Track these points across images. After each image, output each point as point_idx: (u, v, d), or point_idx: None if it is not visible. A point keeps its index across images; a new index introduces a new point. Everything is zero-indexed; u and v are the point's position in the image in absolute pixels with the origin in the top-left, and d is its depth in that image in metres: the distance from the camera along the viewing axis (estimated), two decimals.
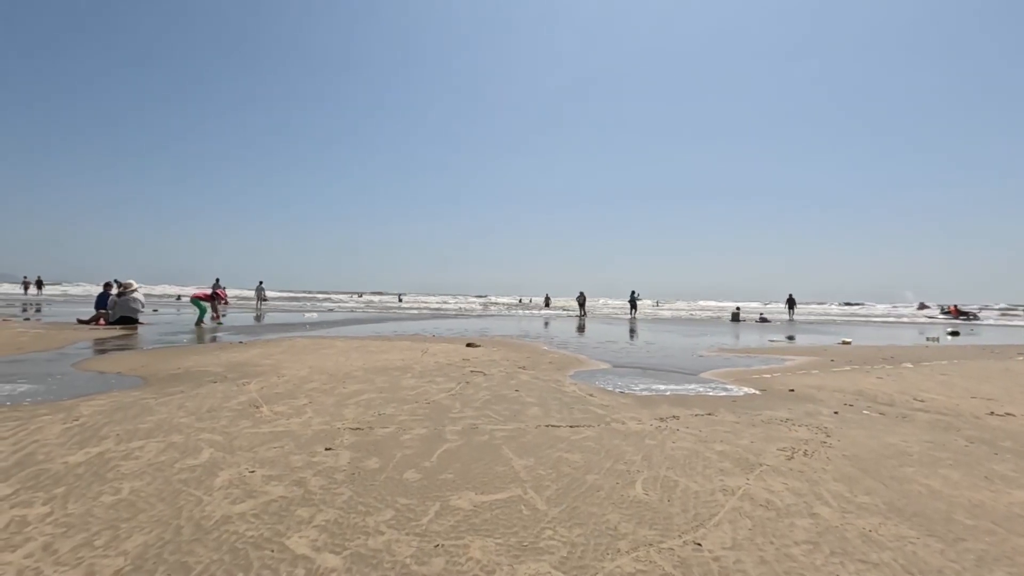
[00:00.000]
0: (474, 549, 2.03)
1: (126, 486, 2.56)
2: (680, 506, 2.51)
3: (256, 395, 4.84)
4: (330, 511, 2.35)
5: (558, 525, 2.27)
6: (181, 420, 3.85)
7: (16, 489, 2.49)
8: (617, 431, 3.89)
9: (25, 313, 17.73)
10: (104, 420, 3.79)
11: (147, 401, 4.47)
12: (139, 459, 2.97)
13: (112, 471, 2.77)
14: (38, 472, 2.73)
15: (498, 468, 3.00)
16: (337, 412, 4.25)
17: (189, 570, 1.83)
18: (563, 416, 4.33)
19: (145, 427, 3.63)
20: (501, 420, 4.13)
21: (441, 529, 2.20)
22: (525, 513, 2.38)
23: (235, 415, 4.06)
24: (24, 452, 3.03)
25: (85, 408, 4.15)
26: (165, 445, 3.24)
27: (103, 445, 3.21)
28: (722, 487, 2.77)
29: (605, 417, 4.33)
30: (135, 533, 2.08)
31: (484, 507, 2.44)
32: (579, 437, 3.70)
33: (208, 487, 2.58)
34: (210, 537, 2.07)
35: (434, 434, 3.68)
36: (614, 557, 1.99)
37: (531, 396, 5.14)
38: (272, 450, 3.21)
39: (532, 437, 3.67)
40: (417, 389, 5.35)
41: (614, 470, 3.02)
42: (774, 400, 5.32)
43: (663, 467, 3.09)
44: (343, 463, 3.01)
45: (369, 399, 4.80)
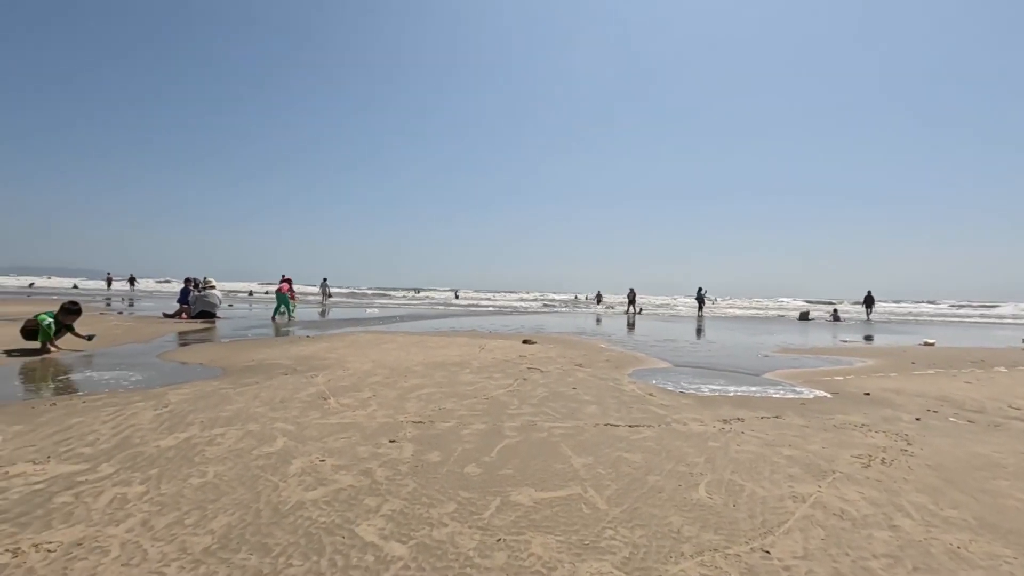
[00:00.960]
0: (535, 545, 2.05)
1: (211, 470, 2.76)
2: (746, 511, 2.43)
3: (323, 387, 5.07)
4: (396, 501, 2.44)
5: (619, 525, 2.25)
6: (257, 410, 4.09)
7: (117, 469, 2.74)
8: (678, 432, 3.81)
9: (115, 306, 19.29)
10: (189, 408, 4.08)
11: (226, 391, 4.77)
12: (221, 445, 3.19)
13: (198, 455, 2.99)
14: (135, 454, 2.98)
15: (557, 466, 3.01)
16: (399, 405, 4.39)
17: (269, 551, 1.95)
18: (622, 415, 4.28)
19: (225, 415, 3.89)
20: (559, 418, 4.13)
21: (503, 524, 2.23)
22: (585, 512, 2.38)
23: (305, 406, 4.27)
24: (122, 436, 3.32)
25: (173, 396, 4.49)
26: (243, 433, 3.45)
27: (189, 431, 3.46)
28: (791, 493, 2.67)
29: (665, 417, 4.25)
30: (220, 514, 2.24)
31: (544, 504, 2.46)
32: (639, 437, 3.65)
33: (283, 474, 2.74)
34: (286, 521, 2.20)
35: (493, 430, 3.73)
36: (678, 560, 1.96)
37: (588, 394, 5.11)
38: (340, 440, 3.36)
39: (590, 436, 3.66)
40: (475, 385, 5.44)
41: (676, 472, 2.96)
42: (847, 404, 5.05)
43: (727, 470, 3.00)
44: (407, 455, 3.11)
45: (429, 394, 4.93)
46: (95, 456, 2.92)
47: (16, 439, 3.19)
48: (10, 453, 2.93)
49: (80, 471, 2.69)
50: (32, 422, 3.58)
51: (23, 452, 2.95)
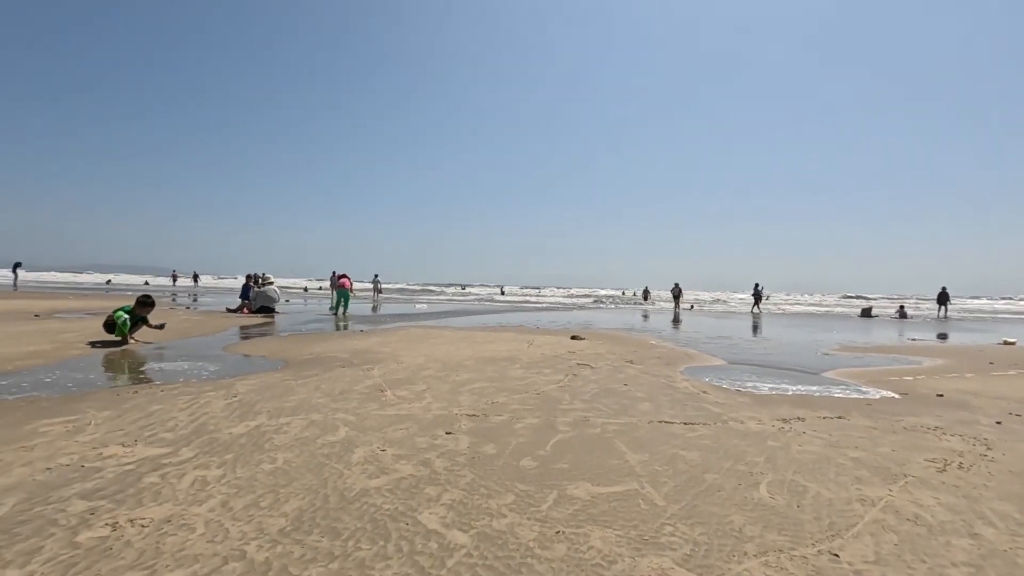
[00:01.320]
0: (594, 538, 2.06)
1: (280, 457, 2.90)
2: (811, 513, 2.36)
3: (379, 380, 5.23)
4: (455, 491, 2.50)
5: (678, 522, 2.23)
6: (318, 400, 4.26)
7: (196, 453, 2.92)
8: (735, 430, 3.73)
9: (181, 302, 20.44)
10: (256, 397, 4.30)
11: (289, 382, 5.00)
12: (287, 433, 3.35)
13: (268, 442, 3.15)
14: (211, 440, 3.17)
15: (612, 461, 3.00)
16: (453, 399, 4.48)
17: (338, 534, 2.04)
18: (676, 413, 4.22)
19: (290, 405, 4.08)
20: (611, 414, 4.12)
21: (561, 516, 2.25)
22: (643, 507, 2.37)
23: (363, 398, 4.42)
24: (198, 422, 3.53)
25: (240, 386, 4.74)
26: (307, 422, 3.61)
27: (258, 419, 3.65)
28: (859, 497, 2.57)
29: (721, 415, 4.16)
30: (292, 498, 2.36)
31: (601, 498, 2.46)
32: (694, 435, 3.59)
33: (347, 462, 2.85)
34: (353, 507, 2.30)
35: (546, 424, 3.75)
36: (741, 559, 1.93)
37: (641, 391, 5.06)
38: (398, 431, 3.46)
39: (645, 432, 3.62)
40: (525, 380, 5.48)
41: (735, 471, 2.90)
42: (918, 405, 4.79)
43: (789, 471, 2.91)
44: (463, 447, 3.18)
45: (481, 387, 5.00)
46: (176, 441, 3.13)
47: (106, 423, 3.45)
48: (102, 436, 3.18)
49: (164, 454, 2.89)
50: (118, 408, 3.86)
51: (113, 435, 3.19)
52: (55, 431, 3.26)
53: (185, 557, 1.84)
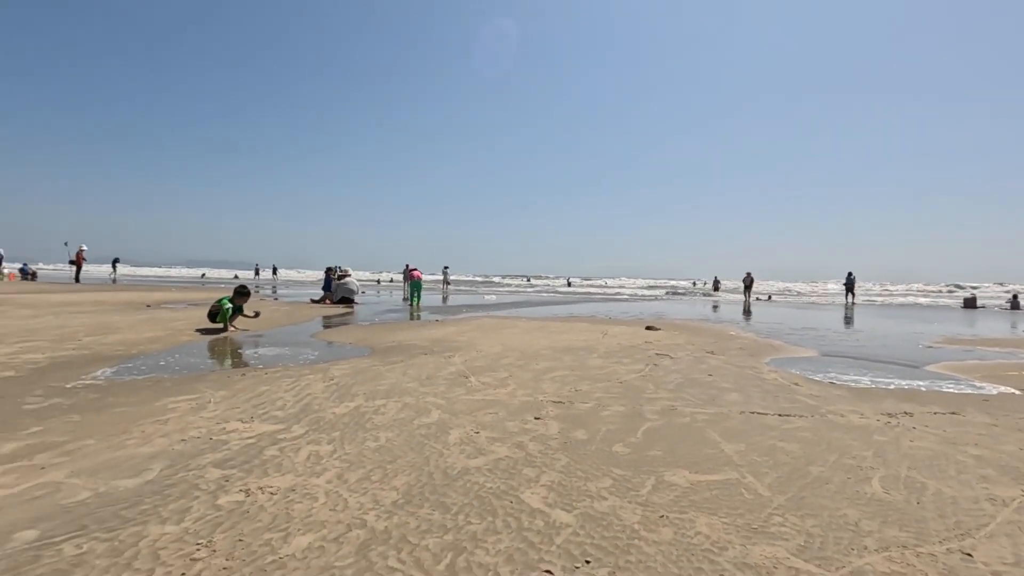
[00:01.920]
0: (700, 524, 2.04)
1: (382, 436, 3.07)
2: (934, 511, 2.21)
3: (462, 367, 5.38)
4: (552, 473, 2.55)
5: (787, 513, 2.16)
6: (408, 385, 4.45)
7: (307, 430, 3.14)
8: (836, 424, 3.55)
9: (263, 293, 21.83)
10: (351, 381, 4.55)
11: (377, 368, 5.24)
12: (385, 415, 3.53)
13: (368, 422, 3.34)
14: (317, 419, 3.40)
15: (706, 450, 2.94)
16: (536, 386, 4.54)
17: (448, 508, 2.14)
18: (767, 404, 4.06)
19: (382, 388, 4.28)
20: (699, 404, 4.02)
21: (662, 502, 2.24)
22: (747, 497, 2.32)
23: (449, 383, 4.56)
24: (303, 403, 3.79)
25: (335, 371, 5.03)
26: (401, 405, 3.79)
27: (356, 401, 3.86)
28: (988, 496, 2.38)
29: (818, 408, 3.96)
30: (399, 474, 2.50)
31: (701, 486, 2.43)
32: (791, 427, 3.45)
33: (445, 442, 2.97)
34: (457, 484, 2.39)
35: (633, 412, 3.73)
36: (861, 553, 1.85)
37: (727, 382, 4.91)
38: (488, 416, 3.56)
39: (737, 423, 3.52)
40: (605, 369, 5.45)
41: (841, 464, 2.77)
42: None
43: (902, 466, 2.75)
44: (553, 432, 3.22)
45: (563, 376, 5.03)
46: (286, 419, 3.38)
47: (224, 402, 3.77)
48: (222, 413, 3.48)
49: (278, 430, 3.13)
50: (232, 388, 4.20)
51: (232, 412, 3.49)
52: (182, 407, 3.60)
53: (312, 523, 1.99)
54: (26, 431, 3.02)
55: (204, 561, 1.71)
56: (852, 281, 25.90)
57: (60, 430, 3.07)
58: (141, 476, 2.40)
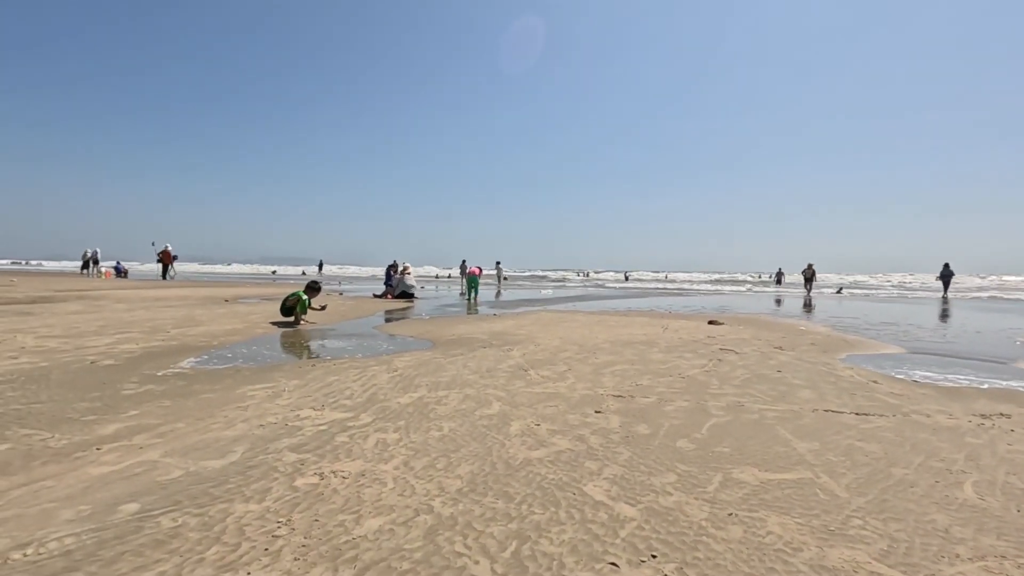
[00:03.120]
0: (771, 524, 1.97)
1: (445, 426, 3.14)
2: None
3: (521, 360, 5.41)
4: (615, 467, 2.53)
5: (867, 515, 2.05)
6: (469, 377, 4.53)
7: (374, 419, 3.27)
8: (921, 424, 3.31)
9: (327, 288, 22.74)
10: (414, 372, 4.68)
11: (439, 360, 5.36)
12: (447, 405, 3.61)
13: (431, 412, 3.42)
14: (383, 408, 3.52)
15: (777, 448, 2.83)
16: (596, 380, 4.50)
17: (511, 498, 2.17)
18: (843, 402, 3.85)
19: (444, 380, 4.38)
20: (768, 400, 3.87)
21: (731, 499, 2.18)
22: (822, 497, 2.21)
23: (509, 376, 4.61)
24: (370, 393, 3.94)
25: (398, 362, 5.19)
26: (463, 396, 3.86)
27: (419, 392, 3.97)
28: None
29: (900, 407, 3.72)
30: (462, 463, 2.55)
31: (772, 484, 2.34)
32: (870, 426, 3.25)
33: (506, 433, 3.01)
34: (519, 474, 2.42)
35: (697, 407, 3.63)
36: (952, 562, 1.73)
37: (798, 378, 4.69)
38: (548, 408, 3.57)
39: (810, 421, 3.36)
40: (667, 363, 5.33)
41: (928, 466, 2.59)
42: None
43: (999, 471, 2.54)
44: (614, 426, 3.19)
45: (623, 370, 4.96)
46: (355, 407, 3.52)
47: (296, 391, 3.98)
48: (296, 401, 3.67)
49: (347, 418, 3.26)
50: (304, 378, 4.42)
51: (304, 400, 3.67)
52: (259, 395, 3.83)
53: (382, 507, 2.07)
54: (125, 414, 3.30)
55: (284, 538, 1.81)
56: (949, 274, 23.74)
57: (154, 414, 3.33)
58: (226, 458, 2.57)
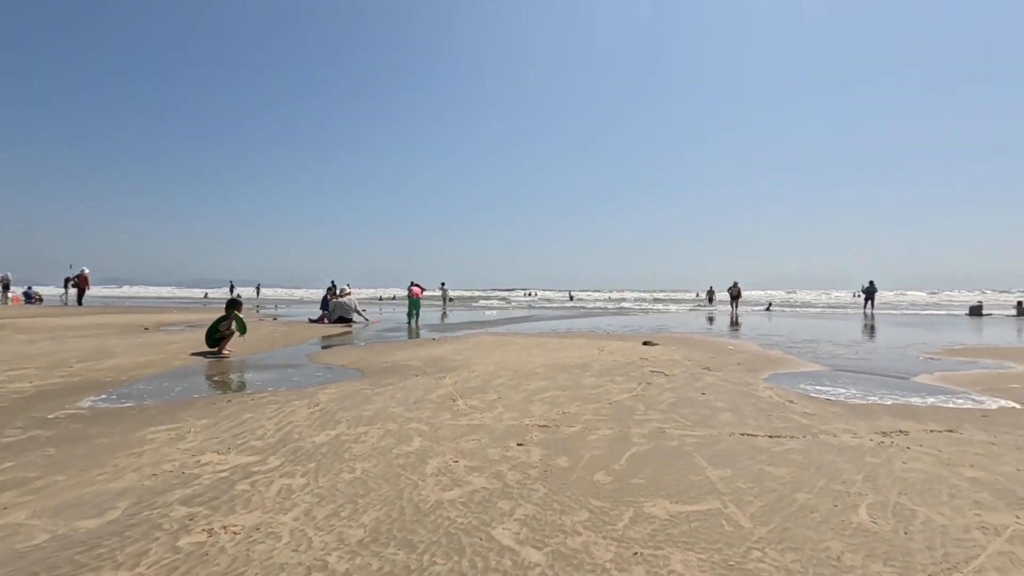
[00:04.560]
0: (675, 562, 1.96)
1: (359, 467, 3.00)
2: (923, 541, 2.12)
3: (452, 389, 5.31)
4: (528, 506, 2.47)
5: (767, 547, 2.08)
6: (394, 410, 4.38)
7: (283, 462, 3.08)
8: (828, 445, 3.45)
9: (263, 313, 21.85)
10: (337, 407, 4.49)
11: (366, 391, 5.18)
12: (365, 443, 3.46)
13: (347, 452, 3.27)
14: (295, 448, 3.33)
15: (692, 477, 2.86)
16: (525, 408, 4.46)
17: (414, 547, 2.06)
18: (760, 424, 3.97)
19: (367, 414, 4.22)
20: (690, 425, 3.94)
21: (638, 536, 2.16)
22: (727, 529, 2.24)
23: (436, 407, 4.49)
24: (284, 431, 3.73)
25: (322, 395, 4.97)
26: (384, 432, 3.72)
27: (338, 429, 3.80)
28: (980, 524, 2.29)
29: (811, 428, 3.87)
30: (369, 509, 2.43)
31: (681, 518, 2.35)
32: (782, 449, 3.36)
33: (422, 473, 2.90)
34: (428, 520, 2.32)
35: (620, 436, 3.65)
36: None
37: (720, 400, 4.82)
38: (471, 442, 3.48)
39: (726, 446, 3.44)
40: (598, 388, 5.37)
41: (829, 490, 2.68)
42: None
43: (893, 491, 2.65)
44: (535, 459, 3.14)
45: (553, 396, 4.95)
46: (264, 449, 3.31)
47: (204, 431, 3.71)
48: (200, 443, 3.42)
49: (253, 462, 3.06)
50: (215, 416, 4.15)
51: (210, 443, 3.43)
52: (160, 438, 3.55)
53: (272, 565, 1.93)
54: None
55: None
56: (872, 289, 25.29)
57: (34, 465, 3.02)
58: (104, 516, 2.34)
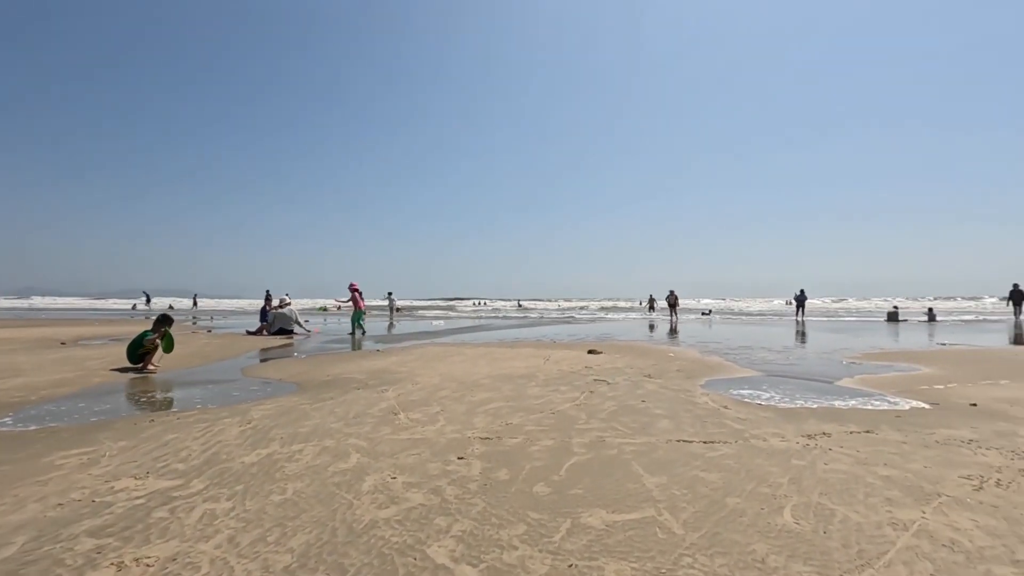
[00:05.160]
0: (609, 572, 1.98)
1: (290, 487, 2.87)
2: (839, 540, 2.24)
3: (394, 402, 5.20)
4: (466, 521, 2.43)
5: (698, 552, 2.13)
6: (332, 425, 4.24)
7: (207, 485, 2.91)
8: (758, 449, 3.60)
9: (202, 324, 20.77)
10: (271, 424, 4.30)
11: (304, 407, 4.99)
12: (299, 461, 3.32)
13: (279, 471, 3.13)
14: (222, 470, 3.16)
15: (629, 485, 2.91)
16: (467, 421, 4.42)
17: (344, 571, 1.99)
18: (696, 430, 4.10)
19: (304, 431, 4.06)
20: (629, 433, 4.01)
21: (574, 548, 2.17)
22: (661, 537, 2.28)
23: (377, 421, 4.38)
24: (211, 452, 3.53)
25: (256, 412, 4.75)
26: (320, 449, 3.59)
27: (271, 447, 3.63)
28: (891, 520, 2.44)
29: (743, 432, 4.03)
30: (299, 532, 2.32)
31: (617, 527, 2.37)
32: (715, 454, 3.47)
33: (357, 491, 2.81)
34: (361, 540, 2.24)
35: (561, 446, 3.67)
36: None
37: (660, 407, 4.94)
38: (411, 457, 3.41)
39: (663, 453, 3.52)
40: (542, 398, 5.40)
41: (757, 493, 2.78)
42: (951, 416, 4.59)
43: (815, 492, 2.79)
44: (475, 473, 3.11)
45: (497, 408, 4.93)
46: (187, 472, 3.12)
47: (121, 455, 3.47)
48: (116, 468, 3.19)
49: (174, 487, 2.88)
50: (135, 438, 3.88)
51: (127, 467, 3.20)
52: (70, 464, 3.28)
53: None
54: None
55: None
56: (803, 297, 27.08)
57: None
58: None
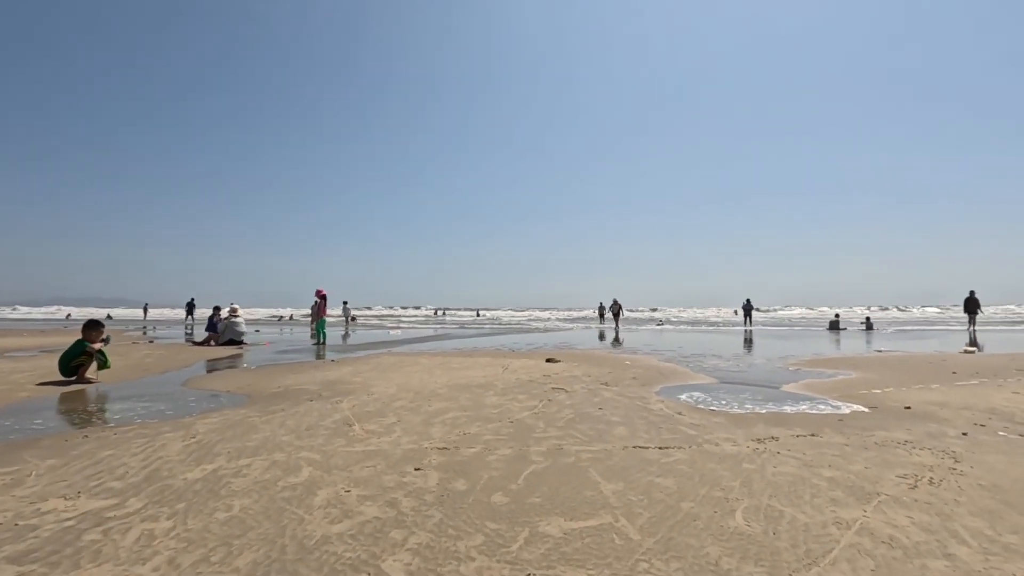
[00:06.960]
0: None
1: (237, 503, 2.74)
2: (788, 540, 2.31)
3: (349, 413, 5.06)
4: (422, 534, 2.38)
5: (653, 557, 2.16)
6: (283, 438, 4.09)
7: (145, 504, 2.74)
8: (711, 453, 3.69)
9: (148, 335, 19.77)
10: (217, 438, 4.11)
11: (253, 419, 4.80)
12: (247, 477, 3.18)
13: (225, 488, 2.98)
14: (163, 488, 2.99)
15: (586, 492, 2.92)
16: (424, 431, 4.35)
17: None
18: (651, 436, 4.17)
19: (252, 445, 3.90)
20: (586, 440, 4.04)
21: (532, 557, 2.15)
22: (617, 543, 2.29)
23: (330, 433, 4.25)
24: (151, 468, 3.34)
25: (201, 426, 4.53)
26: (269, 463, 3.45)
27: (216, 462, 3.46)
28: (835, 519, 2.53)
29: (696, 438, 4.12)
30: (246, 551, 2.21)
31: (574, 534, 2.37)
32: (670, 460, 3.54)
33: (308, 506, 2.71)
34: (312, 557, 2.16)
35: (519, 455, 3.66)
36: None
37: (616, 415, 5.00)
38: (365, 469, 3.32)
39: (619, 459, 3.56)
40: (500, 407, 5.38)
41: (710, 497, 2.85)
42: (887, 419, 4.84)
43: (765, 495, 2.87)
44: (432, 484, 3.06)
45: (454, 418, 4.88)
46: (124, 490, 2.94)
47: (49, 474, 3.23)
48: (42, 489, 2.97)
49: (109, 506, 2.70)
50: (65, 455, 3.63)
51: (55, 487, 2.98)
52: None
53: None
54: None
55: None
56: (749, 307, 28.44)
57: None
58: None
